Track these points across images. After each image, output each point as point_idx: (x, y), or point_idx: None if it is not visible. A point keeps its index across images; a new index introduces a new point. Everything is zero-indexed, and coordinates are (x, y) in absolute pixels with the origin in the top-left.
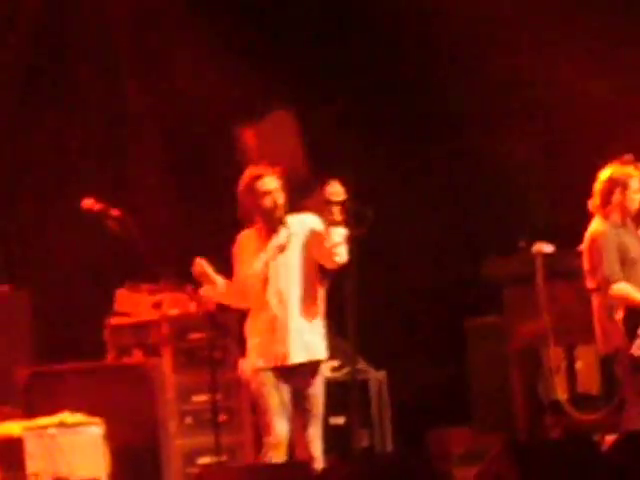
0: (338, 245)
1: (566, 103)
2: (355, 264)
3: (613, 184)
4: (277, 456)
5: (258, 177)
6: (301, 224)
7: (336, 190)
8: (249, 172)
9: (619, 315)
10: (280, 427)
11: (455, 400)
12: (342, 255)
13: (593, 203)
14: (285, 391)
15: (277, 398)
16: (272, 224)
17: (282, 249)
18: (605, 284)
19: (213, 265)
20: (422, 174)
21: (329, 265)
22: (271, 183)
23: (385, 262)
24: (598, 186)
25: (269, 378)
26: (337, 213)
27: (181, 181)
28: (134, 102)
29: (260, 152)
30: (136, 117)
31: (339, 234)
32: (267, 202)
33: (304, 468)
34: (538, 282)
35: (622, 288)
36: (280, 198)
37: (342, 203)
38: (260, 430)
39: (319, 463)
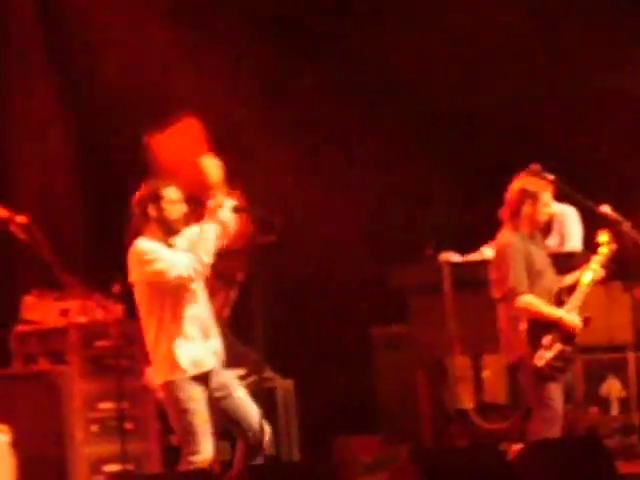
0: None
1: None
2: (262, 273)
3: (524, 196)
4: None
5: (162, 187)
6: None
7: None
8: (153, 181)
9: (523, 326)
10: (209, 445)
11: (362, 409)
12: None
13: (503, 213)
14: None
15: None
16: (169, 235)
17: None
18: (511, 295)
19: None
20: (330, 180)
21: (225, 240)
22: (175, 194)
23: (292, 271)
24: (509, 196)
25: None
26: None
27: (89, 188)
28: (42, 103)
29: (168, 161)
30: (41, 120)
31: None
32: (172, 212)
33: (209, 476)
34: (445, 291)
35: (527, 300)
36: (182, 209)
37: (248, 211)
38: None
39: None
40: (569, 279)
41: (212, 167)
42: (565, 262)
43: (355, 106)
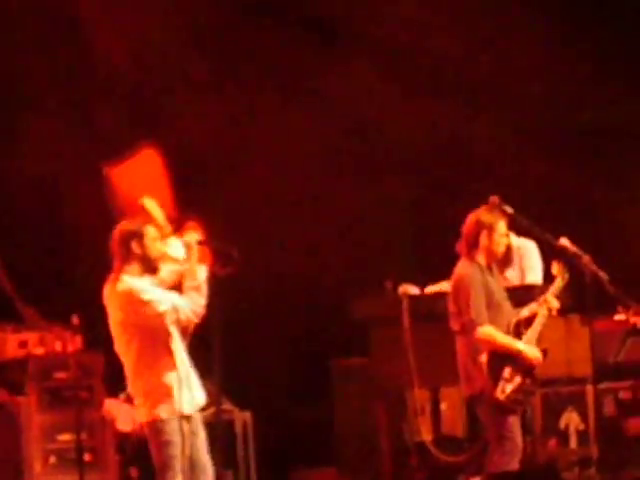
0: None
1: None
2: (221, 304)
3: (480, 227)
4: None
5: (144, 224)
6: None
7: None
8: (132, 219)
9: (483, 358)
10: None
11: (320, 441)
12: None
13: (460, 246)
14: None
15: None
16: (149, 273)
17: None
18: (471, 326)
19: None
20: (287, 209)
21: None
22: (155, 232)
23: (252, 302)
24: (466, 228)
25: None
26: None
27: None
28: None
29: (127, 191)
30: None
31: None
32: (153, 250)
33: None
34: (403, 323)
35: (487, 331)
36: (162, 248)
37: (206, 244)
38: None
39: None
40: (526, 311)
41: (153, 208)
42: (524, 295)
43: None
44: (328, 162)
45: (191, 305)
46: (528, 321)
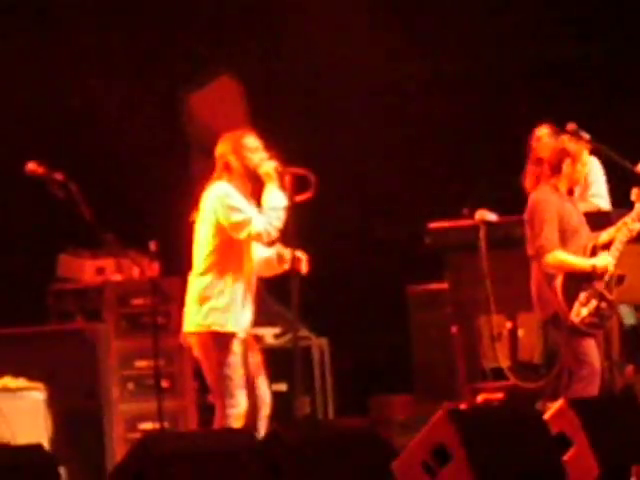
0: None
1: None
2: (297, 230)
3: (565, 155)
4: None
5: (243, 136)
6: None
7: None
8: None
9: (558, 281)
10: (243, 399)
11: (397, 367)
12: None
13: (541, 170)
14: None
15: (243, 370)
16: (251, 182)
17: None
18: (541, 252)
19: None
20: (364, 137)
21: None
22: (255, 142)
23: (327, 230)
24: (549, 156)
25: (240, 348)
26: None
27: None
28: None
29: (206, 119)
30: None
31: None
32: (252, 160)
33: (248, 435)
34: (481, 250)
35: (557, 256)
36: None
37: (284, 171)
38: (220, 400)
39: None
40: (605, 235)
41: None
42: (602, 220)
43: None
44: None
45: (265, 224)
46: (606, 245)
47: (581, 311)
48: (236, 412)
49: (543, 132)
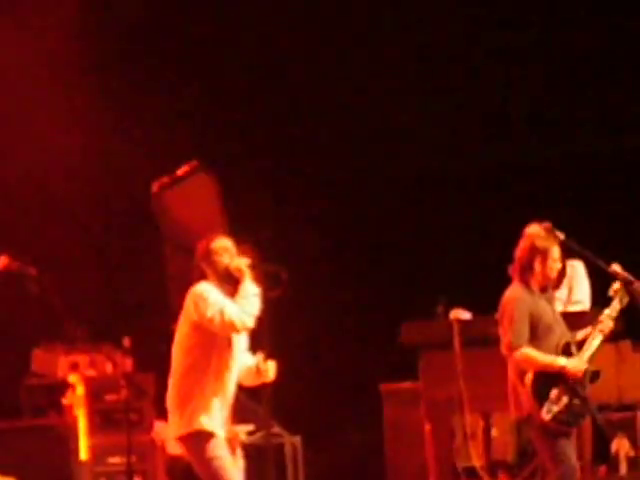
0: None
1: None
2: (270, 326)
3: (534, 252)
4: None
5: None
6: None
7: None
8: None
9: (528, 379)
10: None
11: (369, 465)
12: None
13: (512, 269)
14: None
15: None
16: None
17: None
18: (510, 348)
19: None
20: (340, 235)
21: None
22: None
23: (301, 326)
24: (519, 253)
25: (224, 443)
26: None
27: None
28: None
29: (180, 215)
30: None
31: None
32: (225, 260)
33: None
34: (455, 348)
35: (525, 352)
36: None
37: (254, 266)
38: None
39: None
40: (581, 334)
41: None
42: (578, 320)
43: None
44: None
45: (238, 312)
46: (581, 344)
47: (552, 408)
48: None
49: (529, 230)
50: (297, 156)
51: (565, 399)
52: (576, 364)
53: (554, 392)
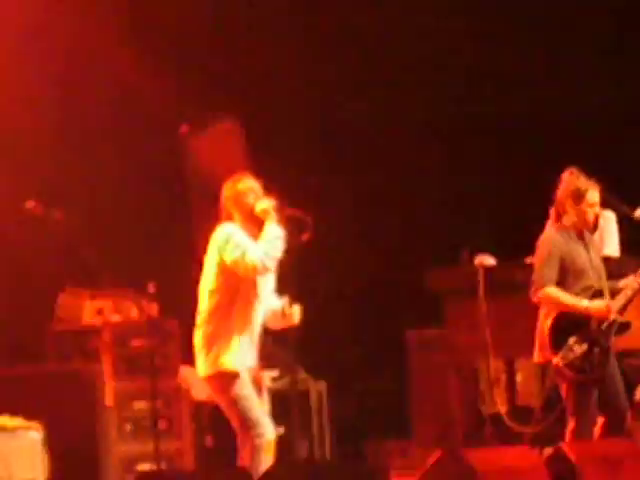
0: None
1: None
2: (296, 273)
3: (571, 194)
4: (269, 458)
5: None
6: None
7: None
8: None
9: (548, 322)
10: (269, 427)
11: (394, 412)
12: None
13: (552, 211)
14: None
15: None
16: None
17: None
18: (535, 287)
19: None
20: (365, 182)
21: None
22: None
23: (326, 272)
24: (557, 195)
25: (250, 382)
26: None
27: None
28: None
29: (206, 162)
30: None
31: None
32: (250, 201)
33: (245, 475)
34: (479, 295)
35: (549, 292)
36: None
37: (280, 208)
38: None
39: None
40: (622, 283)
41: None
42: (617, 267)
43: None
44: None
45: (260, 254)
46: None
47: (567, 355)
48: (264, 442)
49: (568, 172)
50: (325, 102)
51: (584, 346)
52: (600, 306)
53: (572, 339)
